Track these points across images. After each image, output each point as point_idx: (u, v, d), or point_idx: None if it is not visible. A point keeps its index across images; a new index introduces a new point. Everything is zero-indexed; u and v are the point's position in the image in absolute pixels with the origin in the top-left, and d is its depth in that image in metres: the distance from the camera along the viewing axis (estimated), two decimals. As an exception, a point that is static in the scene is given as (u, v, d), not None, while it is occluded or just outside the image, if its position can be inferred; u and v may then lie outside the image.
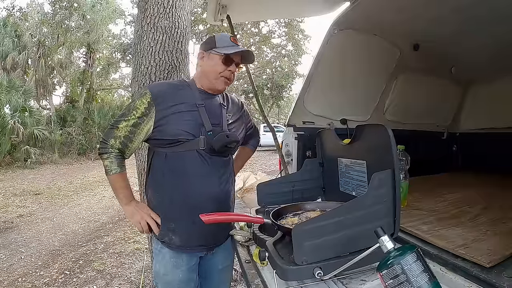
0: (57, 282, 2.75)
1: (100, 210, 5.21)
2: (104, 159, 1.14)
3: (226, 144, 1.15)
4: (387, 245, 0.63)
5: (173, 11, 2.01)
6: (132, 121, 1.12)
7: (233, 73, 1.21)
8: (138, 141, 1.16)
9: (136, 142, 1.16)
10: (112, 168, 1.14)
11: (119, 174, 1.16)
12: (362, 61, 2.08)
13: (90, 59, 15.34)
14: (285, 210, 1.08)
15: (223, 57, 1.15)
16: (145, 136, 1.16)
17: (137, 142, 1.16)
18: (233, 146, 1.22)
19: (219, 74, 1.17)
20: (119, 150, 1.15)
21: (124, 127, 1.13)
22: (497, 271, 0.81)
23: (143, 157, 2.03)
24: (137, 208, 1.20)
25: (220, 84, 1.20)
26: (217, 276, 1.34)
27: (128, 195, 1.20)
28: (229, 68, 1.17)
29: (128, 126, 1.13)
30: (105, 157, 1.14)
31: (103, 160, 1.15)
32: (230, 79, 1.21)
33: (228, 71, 1.18)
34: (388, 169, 0.82)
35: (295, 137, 1.97)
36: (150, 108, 1.12)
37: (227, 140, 1.15)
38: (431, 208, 1.37)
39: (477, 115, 2.56)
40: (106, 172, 1.15)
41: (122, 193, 1.19)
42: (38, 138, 10.36)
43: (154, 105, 1.12)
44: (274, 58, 16.81)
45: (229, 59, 1.17)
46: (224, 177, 1.22)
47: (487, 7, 1.58)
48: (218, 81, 1.19)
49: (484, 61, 2.17)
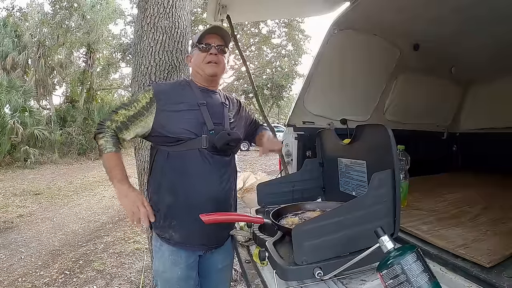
0: (57, 282, 2.75)
1: (100, 210, 5.21)
2: (99, 138, 1.13)
3: (228, 142, 1.16)
4: (387, 245, 0.63)
5: (173, 11, 2.01)
6: (131, 112, 1.14)
7: (218, 55, 1.22)
8: (133, 131, 1.15)
9: (131, 132, 1.15)
10: (107, 147, 1.12)
11: (113, 153, 1.13)
12: (362, 61, 2.08)
13: (90, 59, 15.33)
14: (285, 210, 1.08)
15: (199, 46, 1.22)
16: (142, 130, 1.16)
17: (132, 132, 1.16)
18: (235, 145, 1.22)
19: (203, 62, 1.22)
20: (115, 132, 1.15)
21: (123, 114, 1.14)
22: (497, 271, 0.81)
23: (143, 157, 2.03)
24: (130, 190, 1.13)
25: (208, 68, 1.22)
26: (217, 276, 1.34)
27: (122, 175, 1.14)
28: (210, 52, 1.21)
29: (127, 115, 1.14)
30: (101, 136, 1.13)
31: (98, 140, 1.13)
32: (217, 61, 1.22)
33: (210, 55, 1.21)
34: (388, 169, 0.82)
35: (295, 137, 1.97)
36: (152, 104, 1.14)
37: (228, 138, 1.16)
38: (431, 208, 1.37)
39: (477, 115, 2.56)
40: (101, 151, 1.13)
41: (116, 171, 1.13)
42: (38, 138, 10.36)
43: (155, 101, 1.13)
44: (274, 58, 16.82)
45: (206, 45, 1.21)
46: (225, 176, 1.22)
47: (487, 7, 1.58)
48: (206, 67, 1.22)
49: (484, 61, 2.17)
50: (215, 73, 1.24)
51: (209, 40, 1.22)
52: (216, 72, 1.24)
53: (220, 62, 1.23)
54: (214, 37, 1.23)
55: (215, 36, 1.23)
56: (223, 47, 1.25)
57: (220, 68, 1.25)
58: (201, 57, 1.22)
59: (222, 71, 1.28)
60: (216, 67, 1.22)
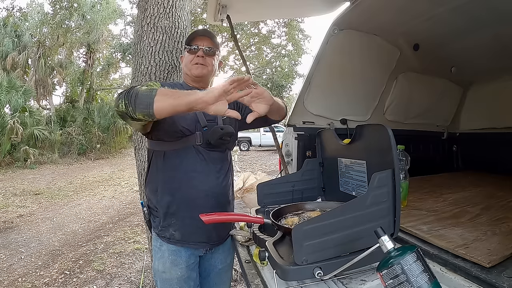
0: (57, 282, 2.75)
1: (100, 210, 5.21)
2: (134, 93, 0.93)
3: (221, 136, 1.17)
4: (387, 245, 0.63)
5: (173, 11, 2.01)
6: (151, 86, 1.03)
7: (205, 58, 1.24)
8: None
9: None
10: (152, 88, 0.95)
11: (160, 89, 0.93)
12: (362, 61, 2.08)
13: (90, 59, 15.34)
14: (285, 210, 1.08)
15: (187, 47, 1.25)
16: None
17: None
18: (229, 139, 1.23)
19: (191, 63, 1.24)
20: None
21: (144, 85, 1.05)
22: (497, 271, 0.80)
23: (143, 157, 2.03)
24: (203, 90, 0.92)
25: (194, 70, 1.24)
26: (217, 276, 1.35)
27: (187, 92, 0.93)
28: (197, 54, 1.23)
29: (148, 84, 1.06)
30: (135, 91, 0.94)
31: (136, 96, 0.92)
32: (204, 63, 1.24)
33: (197, 57, 1.23)
34: (388, 169, 0.82)
35: (295, 137, 1.97)
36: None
37: (221, 133, 1.17)
38: (431, 208, 1.37)
39: (477, 115, 2.56)
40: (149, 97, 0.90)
41: (179, 93, 0.92)
42: (38, 138, 10.36)
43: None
44: (274, 58, 16.80)
45: (195, 48, 1.24)
46: (222, 171, 1.24)
47: (487, 7, 1.58)
48: (192, 68, 1.24)
49: (484, 61, 2.17)
50: (201, 74, 1.25)
51: (197, 42, 1.24)
52: (201, 73, 1.25)
53: (207, 64, 1.25)
54: (203, 39, 1.25)
55: (204, 38, 1.25)
56: (212, 49, 1.26)
57: (207, 70, 1.26)
58: (189, 59, 1.25)
59: (210, 73, 1.29)
60: (202, 68, 1.24)
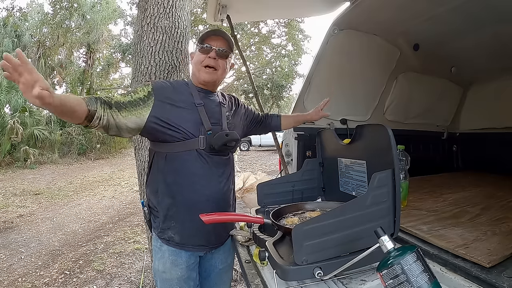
0: (57, 282, 2.75)
1: (100, 210, 5.21)
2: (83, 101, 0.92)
3: (225, 143, 1.15)
4: (387, 245, 0.63)
5: (173, 11, 2.01)
6: (127, 99, 1.05)
7: (217, 60, 1.17)
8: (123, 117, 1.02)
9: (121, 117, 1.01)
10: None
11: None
12: (362, 61, 2.08)
13: (90, 59, 15.32)
14: (285, 210, 1.08)
15: (199, 46, 1.18)
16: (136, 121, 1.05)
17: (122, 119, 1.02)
18: (233, 145, 1.21)
19: (201, 64, 1.17)
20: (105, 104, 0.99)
21: (119, 97, 1.06)
22: (497, 271, 0.81)
23: (143, 157, 2.03)
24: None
25: (203, 74, 1.18)
26: (217, 276, 1.34)
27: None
28: (208, 55, 1.16)
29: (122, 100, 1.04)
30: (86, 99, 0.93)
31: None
32: (215, 67, 1.17)
33: (208, 58, 1.16)
34: (388, 169, 0.82)
35: (295, 137, 1.97)
36: (150, 97, 1.09)
37: (226, 139, 1.15)
38: (431, 208, 1.37)
39: (477, 115, 2.56)
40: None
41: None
42: (38, 138, 10.35)
43: (153, 95, 1.10)
44: (274, 58, 16.79)
45: (207, 47, 1.16)
46: (224, 176, 1.22)
47: (487, 7, 1.58)
48: (201, 71, 1.18)
49: (484, 61, 2.17)
50: (209, 80, 1.19)
51: (211, 41, 1.17)
52: (210, 79, 1.19)
53: (218, 67, 1.18)
54: (217, 39, 1.17)
55: (218, 38, 1.18)
56: (225, 51, 1.19)
57: (217, 75, 1.19)
58: (200, 59, 1.18)
59: (220, 77, 1.22)
60: (212, 73, 1.18)
